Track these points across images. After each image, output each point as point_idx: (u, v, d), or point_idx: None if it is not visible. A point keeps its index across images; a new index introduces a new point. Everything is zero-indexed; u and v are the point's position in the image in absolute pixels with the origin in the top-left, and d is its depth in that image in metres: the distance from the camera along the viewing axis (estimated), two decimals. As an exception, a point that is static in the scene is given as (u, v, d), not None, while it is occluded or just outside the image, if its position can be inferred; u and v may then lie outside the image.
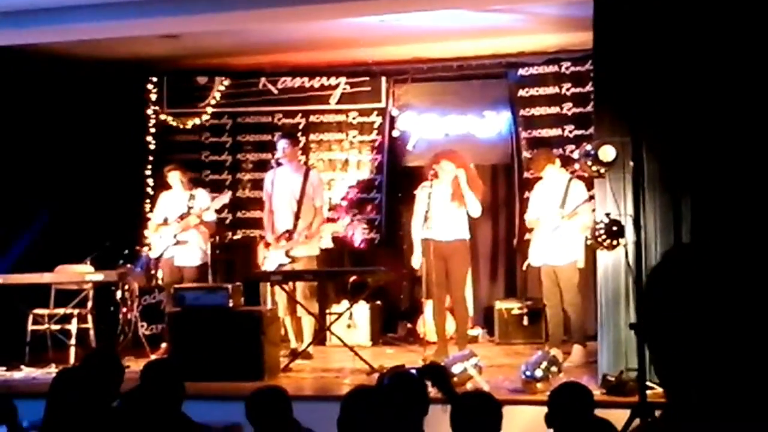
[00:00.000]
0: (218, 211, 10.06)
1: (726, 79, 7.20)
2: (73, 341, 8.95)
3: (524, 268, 9.27)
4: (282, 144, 9.41)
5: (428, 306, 9.18)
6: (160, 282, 9.84)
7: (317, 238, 9.34)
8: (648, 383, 6.38)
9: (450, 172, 8.82)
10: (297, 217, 9.19)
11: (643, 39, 7.37)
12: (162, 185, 10.21)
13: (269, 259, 9.24)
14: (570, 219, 8.48)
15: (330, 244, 10.21)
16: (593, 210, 7.97)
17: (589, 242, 7.74)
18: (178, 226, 9.61)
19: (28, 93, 10.01)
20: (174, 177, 9.81)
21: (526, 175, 10.20)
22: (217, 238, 10.22)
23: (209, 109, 11.33)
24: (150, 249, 9.84)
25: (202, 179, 10.99)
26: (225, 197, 9.87)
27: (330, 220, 10.17)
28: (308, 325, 9.29)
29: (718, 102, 7.22)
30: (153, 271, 9.81)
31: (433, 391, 4.78)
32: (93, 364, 5.10)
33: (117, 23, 8.14)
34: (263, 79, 11.25)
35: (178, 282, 9.38)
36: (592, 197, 8.16)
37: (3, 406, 4.72)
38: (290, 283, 9.12)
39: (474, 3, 8.07)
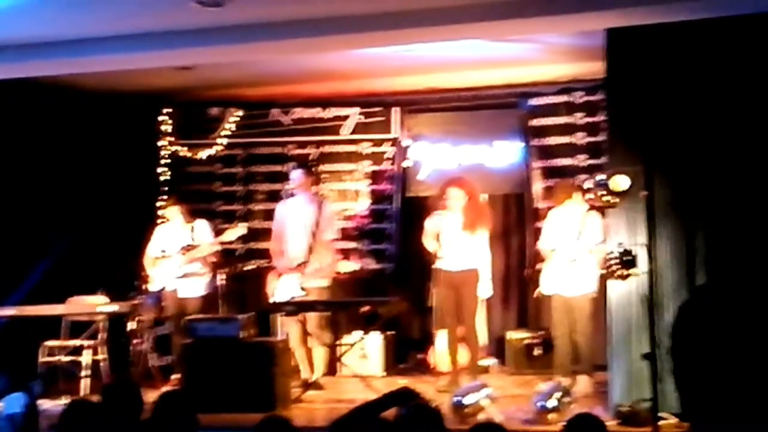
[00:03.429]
0: (230, 243, 10.08)
1: (738, 107, 7.22)
2: (85, 373, 8.95)
3: (535, 295, 9.26)
4: (296, 174, 9.43)
5: (440, 336, 9.16)
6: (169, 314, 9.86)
7: (329, 271, 9.37)
8: (660, 413, 6.36)
9: (459, 199, 8.83)
10: (311, 250, 9.19)
11: (654, 68, 7.40)
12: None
13: (280, 289, 9.23)
14: (590, 254, 8.44)
15: (343, 276, 10.24)
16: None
17: (602, 272, 7.72)
18: (182, 259, 9.65)
19: (42, 125, 10.07)
20: (173, 211, 9.87)
21: (538, 204, 10.20)
22: (229, 268, 10.22)
23: (221, 140, 11.38)
24: (148, 282, 9.81)
25: (215, 210, 11.02)
26: (240, 229, 9.88)
27: (342, 252, 10.19)
28: (320, 355, 9.28)
29: (730, 130, 7.23)
30: (164, 303, 9.83)
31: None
32: (112, 395, 5.11)
33: (130, 55, 8.19)
34: (275, 110, 11.30)
35: (181, 314, 9.39)
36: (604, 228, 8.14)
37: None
38: (303, 314, 9.12)
39: (488, 33, 8.08)
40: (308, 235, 9.22)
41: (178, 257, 9.67)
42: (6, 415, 5.44)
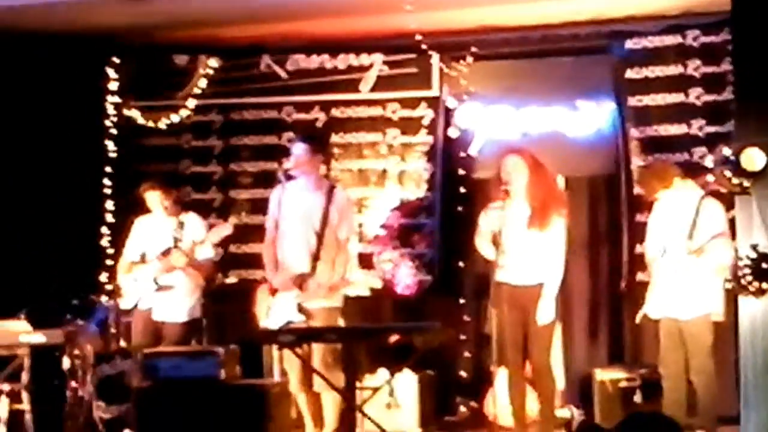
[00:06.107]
0: (217, 246, 10.10)
1: None
2: (2, 429, 9.02)
3: (638, 320, 9.27)
4: (298, 150, 9.42)
5: (500, 376, 9.19)
6: (123, 344, 9.91)
7: (343, 288, 9.39)
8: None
9: (518, 170, 8.77)
10: (316, 257, 9.19)
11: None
12: (133, 208, 10.29)
13: (274, 312, 9.25)
14: (697, 257, 8.44)
15: (365, 292, 10.28)
16: (733, 242, 7.94)
17: (729, 286, 7.72)
18: (159, 266, 9.74)
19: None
20: (153, 199, 9.92)
21: (638, 190, 10.17)
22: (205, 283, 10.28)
23: (191, 102, 11.48)
24: (119, 297, 9.89)
25: (182, 200, 11.05)
26: (226, 228, 9.90)
27: (364, 258, 10.22)
28: (331, 404, 9.30)
29: None
30: (115, 329, 9.88)
31: None
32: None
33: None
34: (266, 58, 11.41)
35: (154, 344, 9.49)
36: (732, 223, 8.14)
37: None
38: (305, 346, 9.13)
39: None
40: (313, 236, 9.24)
41: (156, 263, 9.77)
42: None
